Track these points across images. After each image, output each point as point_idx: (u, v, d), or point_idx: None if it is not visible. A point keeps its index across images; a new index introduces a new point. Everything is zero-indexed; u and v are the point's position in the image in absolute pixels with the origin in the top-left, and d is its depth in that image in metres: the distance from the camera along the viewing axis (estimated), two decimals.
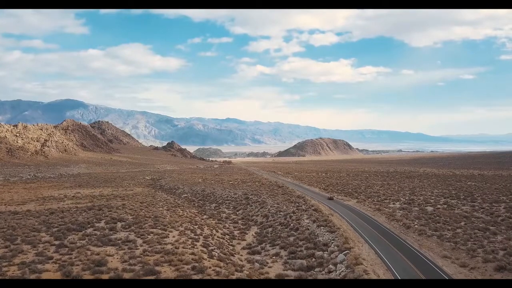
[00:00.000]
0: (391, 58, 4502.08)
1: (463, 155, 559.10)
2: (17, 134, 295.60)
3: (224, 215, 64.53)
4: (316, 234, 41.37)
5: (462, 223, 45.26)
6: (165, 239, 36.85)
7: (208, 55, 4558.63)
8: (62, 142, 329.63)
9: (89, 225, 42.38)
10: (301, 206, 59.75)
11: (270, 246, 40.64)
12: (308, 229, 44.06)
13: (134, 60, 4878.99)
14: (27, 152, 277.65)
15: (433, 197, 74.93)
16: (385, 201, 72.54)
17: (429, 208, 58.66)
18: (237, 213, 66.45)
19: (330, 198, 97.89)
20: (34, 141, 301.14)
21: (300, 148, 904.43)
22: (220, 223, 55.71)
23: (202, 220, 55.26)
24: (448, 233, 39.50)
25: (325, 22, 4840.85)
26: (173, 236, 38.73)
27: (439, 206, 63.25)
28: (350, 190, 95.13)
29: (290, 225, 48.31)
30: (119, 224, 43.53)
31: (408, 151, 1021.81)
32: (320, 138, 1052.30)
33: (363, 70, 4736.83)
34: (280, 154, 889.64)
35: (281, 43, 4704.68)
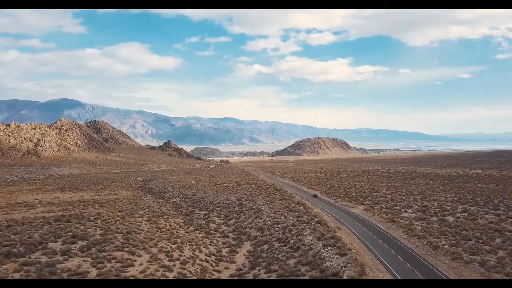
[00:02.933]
0: (388, 57, 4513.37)
1: (461, 154, 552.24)
2: (10, 134, 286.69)
3: (214, 225, 56.30)
4: (322, 257, 33.24)
5: (498, 240, 37.29)
6: (128, 269, 28.67)
7: (206, 55, 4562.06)
8: (56, 142, 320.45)
9: (40, 246, 34.15)
10: (302, 216, 51.53)
11: (265, 273, 32.46)
12: (312, 249, 35.94)
13: (131, 60, 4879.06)
14: (19, 152, 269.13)
15: (448, 203, 66.96)
16: (395, 208, 64.49)
17: (450, 218, 50.62)
18: (229, 223, 58.21)
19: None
20: (27, 140, 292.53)
21: (297, 147, 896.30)
22: (207, 237, 47.49)
23: (186, 234, 47.04)
24: (491, 258, 31.42)
25: (322, 21, 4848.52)
26: (140, 264, 30.51)
27: (459, 215, 55.25)
28: (354, 194, 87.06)
29: (289, 242, 40.13)
30: (78, 244, 35.33)
31: (406, 150, 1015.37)
32: (318, 137, 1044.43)
33: (361, 69, 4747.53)
34: (278, 153, 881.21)
35: (278, 42, 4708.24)
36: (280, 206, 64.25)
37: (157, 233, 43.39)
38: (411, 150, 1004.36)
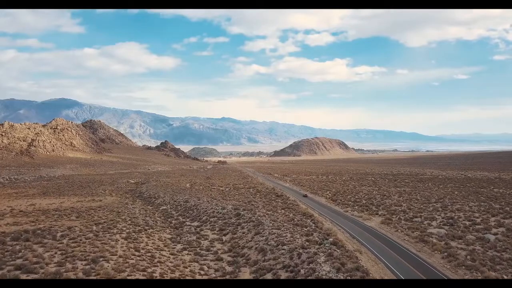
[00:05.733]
0: (386, 58, 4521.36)
1: (460, 155, 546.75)
2: (3, 134, 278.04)
3: (206, 243, 47.47)
4: None
5: None
6: None
7: (204, 55, 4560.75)
8: (50, 142, 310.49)
9: None
10: (311, 234, 42.73)
11: None
12: None
13: (130, 59, 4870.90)
14: (12, 152, 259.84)
15: (476, 214, 58.38)
16: (416, 220, 55.83)
17: (491, 237, 42.05)
18: (224, 238, 49.44)
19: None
20: (20, 140, 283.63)
21: (296, 147, 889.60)
22: (197, 261, 38.66)
23: (171, 257, 38.26)
24: None
25: (320, 22, 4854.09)
26: None
27: (495, 230, 46.66)
28: (364, 201, 78.40)
29: (299, 272, 31.43)
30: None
31: (404, 151, 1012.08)
32: (316, 137, 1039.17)
33: (359, 70, 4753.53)
34: (276, 153, 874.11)
35: (277, 43, 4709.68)
36: (283, 218, 55.52)
37: (132, 259, 34.61)
38: (409, 151, 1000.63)
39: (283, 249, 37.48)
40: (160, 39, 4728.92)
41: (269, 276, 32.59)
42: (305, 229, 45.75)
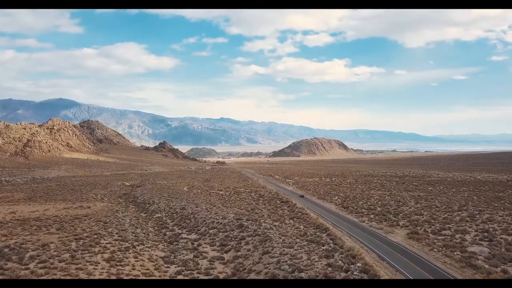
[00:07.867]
0: (384, 58, 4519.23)
1: (460, 155, 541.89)
2: None
3: (205, 262, 40.17)
4: None
5: None
6: None
7: (203, 55, 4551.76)
8: (46, 142, 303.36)
9: None
10: (332, 255, 35.44)
11: None
12: None
13: (129, 59, 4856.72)
14: (6, 152, 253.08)
15: None
16: (445, 233, 48.54)
17: None
18: (226, 257, 42.14)
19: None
20: (16, 141, 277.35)
21: (295, 148, 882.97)
22: None
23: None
24: None
25: (319, 22, 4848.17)
26: None
27: None
28: (378, 208, 71.05)
29: None
30: None
31: (403, 151, 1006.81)
32: (315, 138, 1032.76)
33: (357, 70, 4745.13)
34: (275, 154, 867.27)
35: (275, 43, 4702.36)
36: (294, 231, 48.19)
37: None
38: (408, 151, 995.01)
39: (300, 277, 30.20)
40: (159, 39, 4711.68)
41: None
42: (322, 247, 38.48)
